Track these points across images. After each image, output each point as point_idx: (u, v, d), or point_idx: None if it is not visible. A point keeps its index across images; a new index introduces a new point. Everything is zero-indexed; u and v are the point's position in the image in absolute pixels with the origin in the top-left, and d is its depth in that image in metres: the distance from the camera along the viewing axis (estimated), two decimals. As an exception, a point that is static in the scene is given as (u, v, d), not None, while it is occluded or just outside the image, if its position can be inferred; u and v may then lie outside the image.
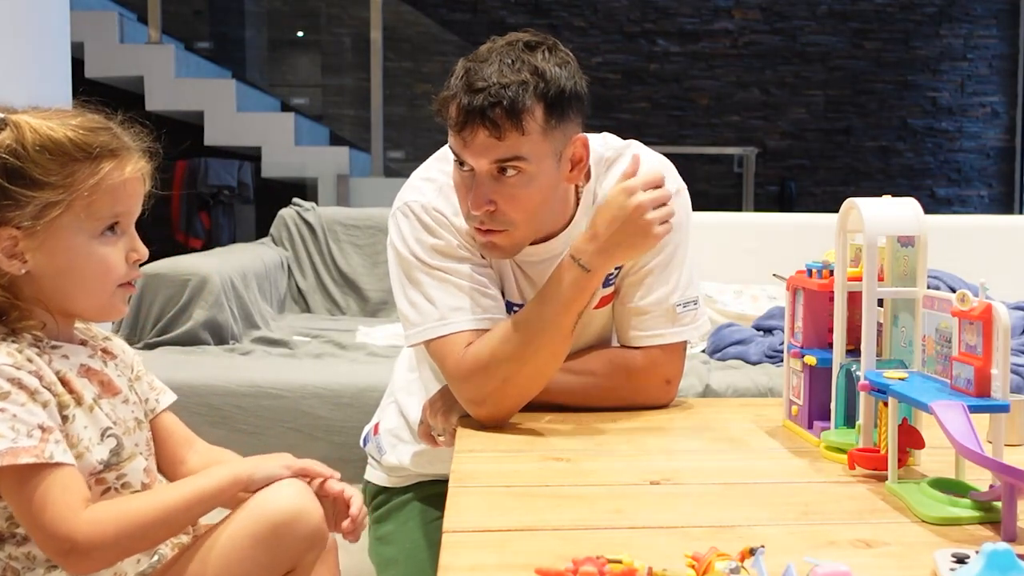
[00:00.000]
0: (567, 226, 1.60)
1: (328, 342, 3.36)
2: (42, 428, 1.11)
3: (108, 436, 1.19)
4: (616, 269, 1.63)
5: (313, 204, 4.19)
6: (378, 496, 1.82)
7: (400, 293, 1.58)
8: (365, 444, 1.86)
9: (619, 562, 0.92)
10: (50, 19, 4.36)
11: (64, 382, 1.17)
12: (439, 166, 1.63)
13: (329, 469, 1.28)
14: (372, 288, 4.05)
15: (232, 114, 5.74)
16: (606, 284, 1.63)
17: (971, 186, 7.99)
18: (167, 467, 1.36)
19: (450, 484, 1.26)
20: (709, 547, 0.95)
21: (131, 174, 1.20)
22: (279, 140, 5.86)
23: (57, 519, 1.09)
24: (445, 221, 1.57)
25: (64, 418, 1.15)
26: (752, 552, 0.92)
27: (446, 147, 1.62)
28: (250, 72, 7.19)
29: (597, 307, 1.64)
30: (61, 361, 1.19)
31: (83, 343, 1.27)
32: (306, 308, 4.06)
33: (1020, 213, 7.82)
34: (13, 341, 1.16)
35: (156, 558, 1.25)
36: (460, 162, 1.49)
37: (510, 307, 1.62)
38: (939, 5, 7.82)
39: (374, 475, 1.83)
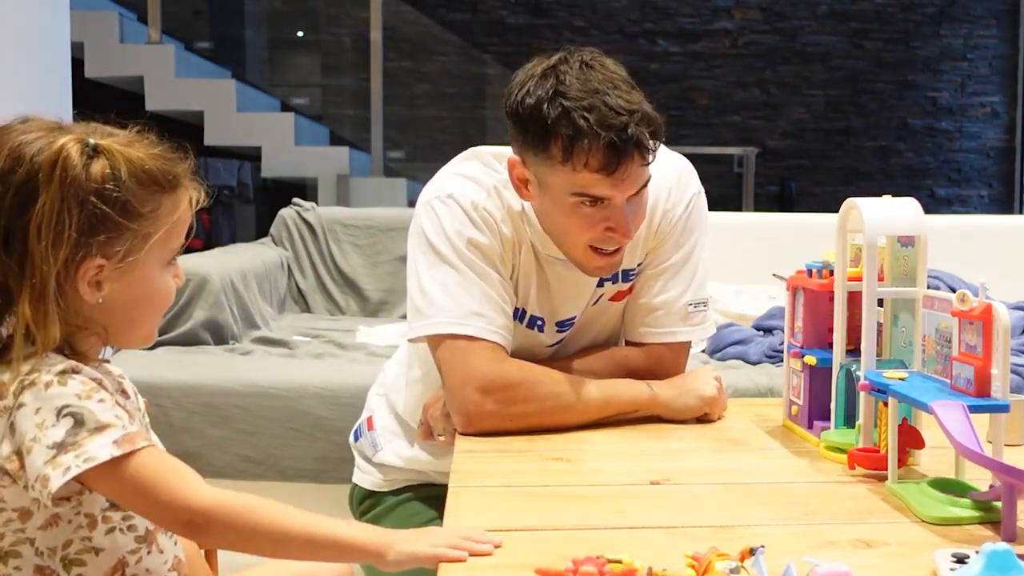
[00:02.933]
0: None
1: (328, 342, 3.36)
2: (131, 419, 1.09)
3: None
4: (636, 265, 1.63)
5: (313, 204, 4.19)
6: (365, 500, 1.78)
7: (415, 283, 1.54)
8: (356, 439, 1.81)
9: (619, 562, 0.92)
10: (50, 19, 4.35)
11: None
12: (482, 168, 1.59)
13: (489, 540, 1.06)
14: (372, 288, 4.05)
15: (232, 114, 5.74)
16: (626, 279, 1.63)
17: (971, 186, 7.99)
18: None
19: (450, 484, 1.26)
20: (709, 547, 0.95)
21: (189, 201, 1.18)
22: (279, 140, 5.86)
23: (176, 491, 1.06)
24: (493, 224, 1.54)
25: None
26: (752, 552, 0.92)
27: (484, 150, 1.61)
28: (250, 72, 7.20)
29: (613, 299, 1.64)
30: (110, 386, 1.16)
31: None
32: (306, 308, 4.06)
33: (1020, 213, 7.82)
34: (75, 372, 1.10)
35: None
36: (591, 199, 1.45)
37: (533, 321, 1.61)
38: (939, 5, 7.82)
39: (363, 478, 1.78)
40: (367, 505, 1.78)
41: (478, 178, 1.57)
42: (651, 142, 1.44)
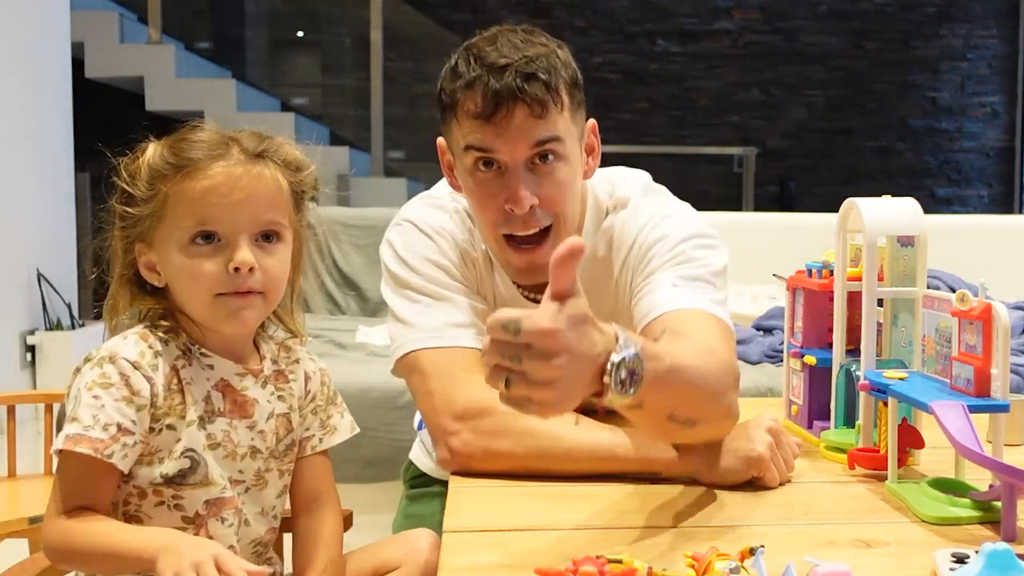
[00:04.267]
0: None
1: (328, 342, 3.36)
2: (120, 428, 1.14)
3: (185, 455, 1.18)
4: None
5: (313, 204, 4.19)
6: (417, 477, 1.75)
7: (390, 313, 1.44)
8: (420, 428, 1.75)
9: (619, 562, 0.92)
10: (50, 19, 4.35)
11: (182, 393, 1.19)
12: (446, 196, 1.50)
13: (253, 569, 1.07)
14: (372, 288, 4.06)
15: (232, 114, 5.75)
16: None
17: (971, 186, 7.99)
18: (293, 511, 1.33)
19: (450, 484, 1.26)
20: (709, 547, 0.95)
21: (213, 182, 1.17)
22: (279, 140, 5.85)
23: (51, 509, 1.16)
24: (454, 243, 1.45)
25: (151, 429, 1.17)
26: (752, 552, 0.92)
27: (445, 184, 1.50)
28: (250, 72, 7.19)
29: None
30: (202, 371, 1.21)
31: (262, 358, 1.28)
32: (306, 308, 4.06)
33: (1020, 213, 7.82)
34: (164, 341, 1.20)
35: None
36: (486, 161, 1.33)
37: None
38: (939, 5, 7.82)
39: (421, 460, 1.73)
40: (417, 481, 1.75)
41: (442, 204, 1.49)
42: (544, 91, 1.30)
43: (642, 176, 1.55)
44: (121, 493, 1.19)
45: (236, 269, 1.17)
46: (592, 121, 1.44)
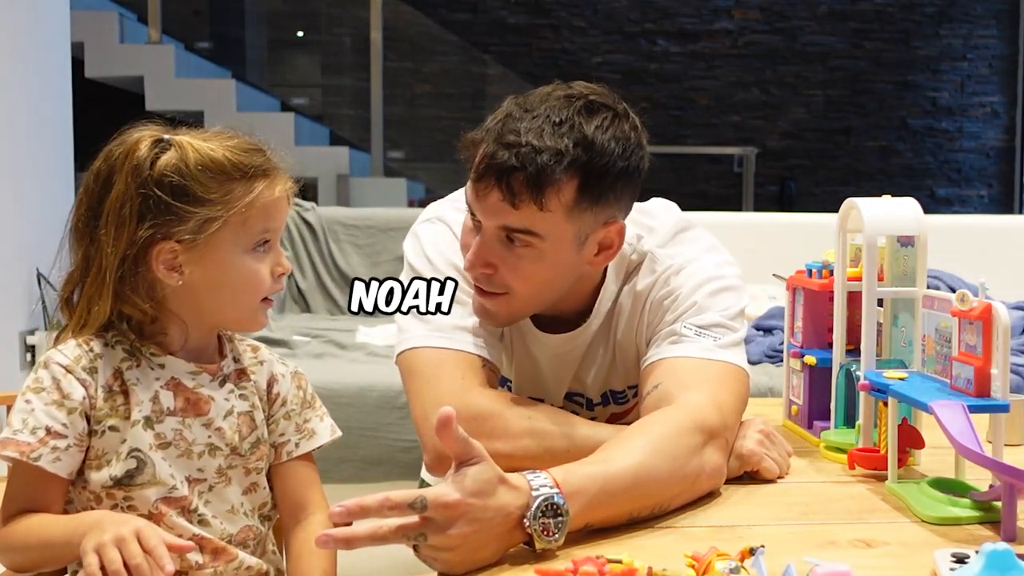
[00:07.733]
0: (585, 320, 1.43)
1: (328, 342, 3.37)
2: (48, 431, 1.15)
3: (131, 456, 1.19)
4: (627, 388, 1.47)
5: (313, 204, 4.20)
6: None
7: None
8: None
9: (619, 562, 0.92)
10: (50, 19, 4.35)
11: (125, 394, 1.19)
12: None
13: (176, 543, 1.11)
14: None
15: (232, 114, 5.74)
16: (617, 401, 1.49)
17: (971, 186, 7.98)
18: (283, 523, 1.33)
19: (450, 484, 1.25)
20: (709, 547, 0.95)
21: (280, 193, 1.24)
22: (279, 140, 5.82)
23: None
24: None
25: (93, 432, 1.18)
26: (752, 552, 0.92)
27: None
28: (250, 72, 7.19)
29: (610, 422, 1.46)
30: (151, 371, 1.21)
31: (223, 357, 1.28)
32: (306, 308, 4.06)
33: (1020, 213, 7.82)
34: (109, 345, 1.21)
35: None
36: (471, 211, 1.33)
37: (503, 382, 1.48)
38: (939, 5, 7.82)
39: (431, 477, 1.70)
40: None
41: None
42: (525, 189, 1.24)
43: (671, 214, 1.49)
44: (81, 501, 1.20)
45: (280, 275, 1.24)
46: (621, 224, 1.34)
